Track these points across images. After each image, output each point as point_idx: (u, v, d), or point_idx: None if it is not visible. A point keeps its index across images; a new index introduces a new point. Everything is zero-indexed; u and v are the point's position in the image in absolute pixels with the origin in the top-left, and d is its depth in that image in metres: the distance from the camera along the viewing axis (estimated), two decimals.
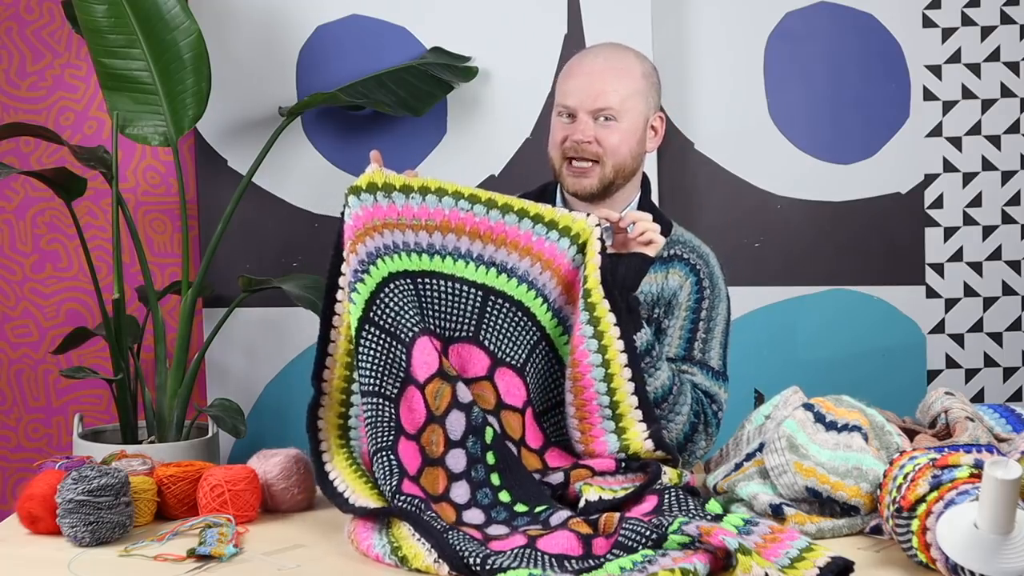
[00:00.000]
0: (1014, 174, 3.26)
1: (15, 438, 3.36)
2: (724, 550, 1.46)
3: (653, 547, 1.51)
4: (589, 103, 2.14)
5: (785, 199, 3.25)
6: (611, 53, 2.22)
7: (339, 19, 3.18)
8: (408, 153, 3.20)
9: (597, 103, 2.14)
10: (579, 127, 2.15)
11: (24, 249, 3.32)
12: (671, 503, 1.70)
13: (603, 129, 2.14)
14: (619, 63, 2.19)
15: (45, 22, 3.27)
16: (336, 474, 1.76)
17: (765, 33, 3.23)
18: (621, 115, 2.15)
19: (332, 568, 1.59)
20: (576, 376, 1.86)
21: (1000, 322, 3.28)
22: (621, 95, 2.15)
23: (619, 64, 2.19)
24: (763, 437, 1.80)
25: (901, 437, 1.75)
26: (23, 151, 3.28)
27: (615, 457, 1.84)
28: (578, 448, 1.87)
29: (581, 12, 3.16)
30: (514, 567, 1.48)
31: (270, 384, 3.23)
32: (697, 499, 1.73)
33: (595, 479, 1.79)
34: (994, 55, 3.23)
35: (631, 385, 1.87)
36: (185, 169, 3.18)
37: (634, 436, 1.85)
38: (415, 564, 1.55)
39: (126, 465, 1.87)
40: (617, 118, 2.14)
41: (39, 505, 1.72)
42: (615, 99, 2.14)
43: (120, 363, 2.88)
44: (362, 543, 1.62)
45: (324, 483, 1.76)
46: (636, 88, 2.18)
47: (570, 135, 2.16)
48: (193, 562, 1.60)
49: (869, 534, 1.65)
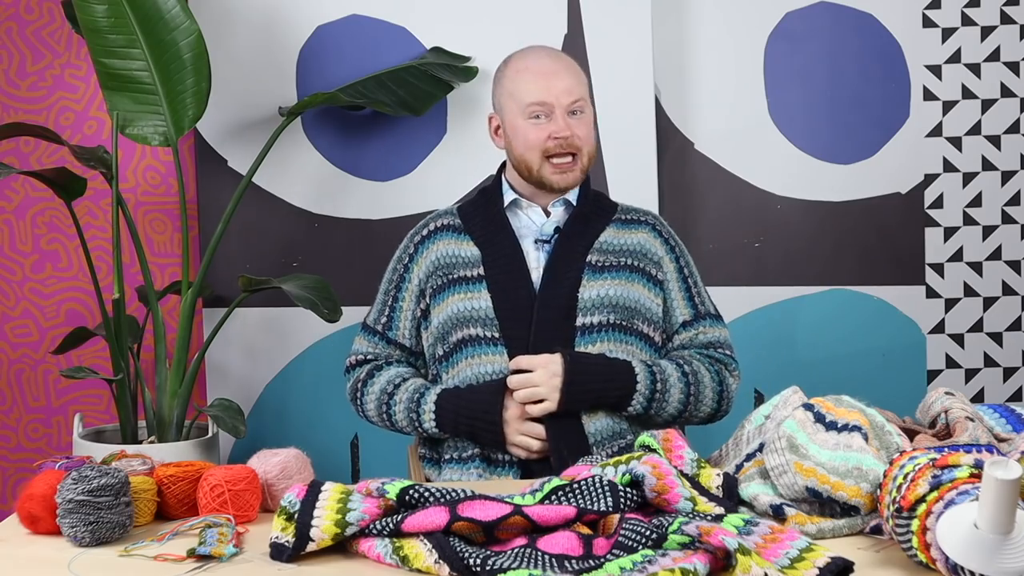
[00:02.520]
0: (1014, 174, 3.26)
1: (15, 438, 3.36)
2: (724, 550, 1.46)
3: (653, 547, 1.52)
4: (564, 99, 2.25)
5: (785, 199, 3.25)
6: (553, 52, 2.38)
7: (339, 19, 3.18)
8: (408, 153, 3.20)
9: (572, 96, 2.26)
10: (559, 123, 2.25)
11: (24, 249, 3.32)
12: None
13: (576, 121, 2.27)
14: (567, 60, 2.33)
15: (45, 22, 3.27)
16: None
17: (765, 33, 3.23)
18: (585, 107, 2.29)
19: (332, 568, 1.59)
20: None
21: (1000, 322, 3.28)
22: (585, 87, 2.30)
23: (568, 61, 2.33)
24: (763, 437, 1.80)
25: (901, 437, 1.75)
26: (23, 151, 3.28)
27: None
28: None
29: (581, 12, 3.16)
30: (514, 567, 1.48)
31: (270, 384, 3.23)
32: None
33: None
34: (994, 55, 3.23)
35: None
36: (185, 169, 3.18)
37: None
38: (416, 564, 1.55)
39: (126, 465, 1.87)
40: (584, 110, 2.28)
41: (39, 505, 1.72)
42: (583, 91, 2.29)
43: (120, 363, 2.88)
44: (362, 543, 1.62)
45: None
46: (586, 83, 2.33)
47: (552, 132, 2.25)
48: (193, 562, 1.60)
49: (869, 534, 1.65)
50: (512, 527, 1.60)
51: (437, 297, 2.29)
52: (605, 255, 2.29)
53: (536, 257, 2.28)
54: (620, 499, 1.65)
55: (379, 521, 1.62)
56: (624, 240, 2.32)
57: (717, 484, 1.75)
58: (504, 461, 2.21)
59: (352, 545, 1.63)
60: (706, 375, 2.25)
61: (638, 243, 2.32)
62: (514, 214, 2.33)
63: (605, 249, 2.29)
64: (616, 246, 2.30)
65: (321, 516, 1.62)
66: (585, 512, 1.62)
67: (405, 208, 3.16)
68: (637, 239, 2.33)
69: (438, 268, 2.31)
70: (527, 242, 2.29)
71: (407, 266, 2.36)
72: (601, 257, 2.28)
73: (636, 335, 2.27)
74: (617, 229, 2.33)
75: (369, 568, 1.59)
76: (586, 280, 2.25)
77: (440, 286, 2.29)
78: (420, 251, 2.35)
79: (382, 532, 1.61)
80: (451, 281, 2.28)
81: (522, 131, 2.27)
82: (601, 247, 2.29)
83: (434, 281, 2.31)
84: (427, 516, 1.59)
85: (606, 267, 2.27)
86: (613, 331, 2.24)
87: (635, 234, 2.33)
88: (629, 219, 2.36)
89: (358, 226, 3.19)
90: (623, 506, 1.65)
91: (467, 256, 2.29)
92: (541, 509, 1.61)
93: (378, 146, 3.20)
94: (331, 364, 3.18)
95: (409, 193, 3.18)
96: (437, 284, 2.30)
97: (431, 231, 2.36)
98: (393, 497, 1.65)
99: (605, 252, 2.29)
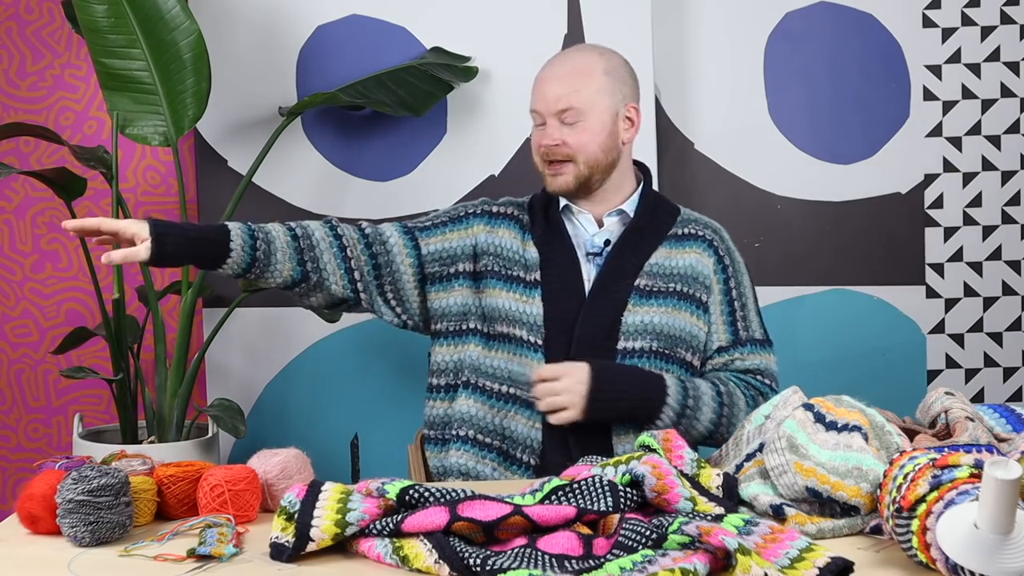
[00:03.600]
0: (1014, 174, 3.26)
1: (15, 438, 3.36)
2: (724, 550, 1.46)
3: (653, 547, 1.52)
4: (552, 107, 2.24)
5: (785, 199, 3.25)
6: (574, 55, 2.31)
7: (339, 19, 3.18)
8: (408, 153, 3.20)
9: (559, 105, 2.23)
10: (548, 131, 2.24)
11: (24, 249, 3.32)
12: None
13: (570, 129, 2.23)
14: (579, 64, 2.27)
15: (45, 22, 3.27)
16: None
17: (765, 33, 3.23)
18: (585, 114, 2.23)
19: (332, 568, 1.59)
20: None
21: (1000, 322, 3.28)
22: (583, 95, 2.23)
23: (579, 65, 2.26)
24: (763, 437, 1.80)
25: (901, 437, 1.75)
26: (23, 151, 3.28)
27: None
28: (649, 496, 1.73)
29: (581, 12, 3.16)
30: (514, 567, 1.48)
31: (270, 384, 3.23)
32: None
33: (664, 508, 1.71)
34: (994, 55, 3.23)
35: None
36: (185, 169, 3.18)
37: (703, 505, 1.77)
38: (416, 564, 1.55)
39: (126, 465, 1.87)
40: (582, 117, 2.23)
41: (39, 505, 1.72)
42: (576, 99, 2.22)
43: (120, 363, 2.88)
44: (363, 543, 1.62)
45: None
46: (598, 86, 2.24)
47: (540, 141, 2.26)
48: (193, 562, 1.60)
49: (869, 534, 1.65)
50: (512, 527, 1.60)
51: (489, 281, 2.26)
52: (654, 279, 2.24)
53: (587, 270, 2.26)
54: (620, 499, 1.65)
55: (379, 521, 1.62)
56: (676, 262, 2.27)
57: (717, 484, 1.75)
58: (523, 462, 2.20)
59: (352, 545, 1.63)
60: (740, 398, 2.22)
61: (689, 265, 2.27)
62: (569, 220, 2.30)
63: (655, 272, 2.25)
64: (667, 269, 2.26)
65: (321, 516, 1.62)
66: (585, 512, 1.62)
67: (405, 208, 3.16)
68: (689, 261, 2.27)
69: (499, 255, 2.28)
70: (580, 252, 2.27)
71: (472, 216, 2.31)
72: (650, 282, 2.24)
73: (677, 362, 2.24)
74: (671, 248, 2.28)
75: (369, 568, 1.59)
76: (632, 304, 2.22)
77: (495, 272, 2.26)
78: (487, 220, 2.31)
79: (382, 532, 1.61)
80: (508, 277, 2.26)
81: (532, 137, 2.29)
82: (651, 270, 2.25)
83: (491, 263, 2.27)
84: (427, 516, 1.59)
85: (654, 293, 2.24)
86: (654, 357, 2.22)
87: (688, 254, 2.28)
88: (686, 234, 2.30)
89: None
90: (623, 506, 1.65)
91: (528, 259, 2.27)
92: (541, 509, 1.61)
93: (378, 146, 3.20)
94: (331, 364, 3.19)
95: (409, 193, 3.18)
96: (493, 269, 2.27)
97: (500, 212, 2.32)
98: (393, 497, 1.65)
99: (655, 276, 2.25)
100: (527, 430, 2.20)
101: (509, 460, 2.21)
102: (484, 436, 2.22)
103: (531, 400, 2.18)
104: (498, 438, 2.22)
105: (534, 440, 2.19)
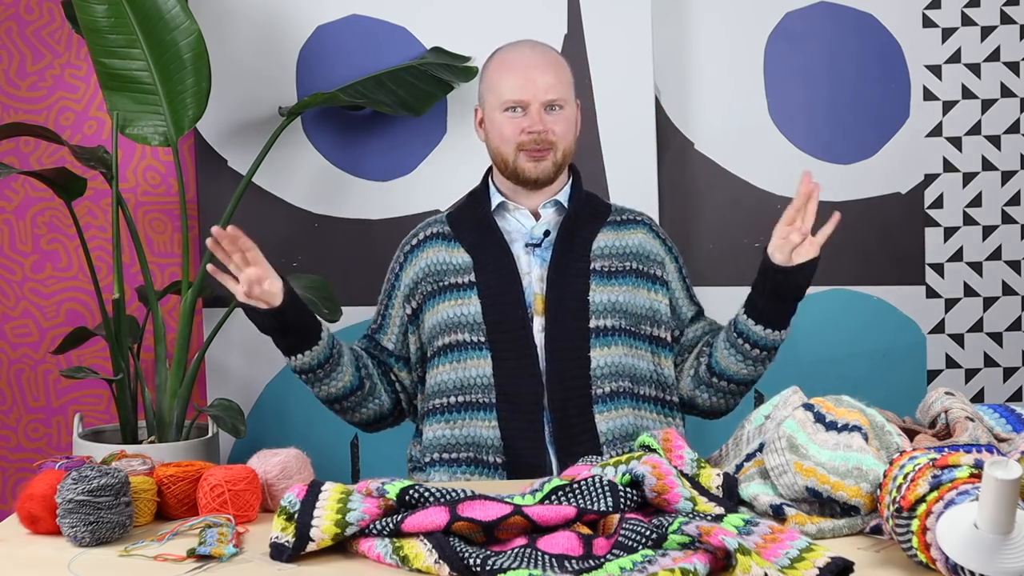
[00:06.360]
0: (1014, 174, 3.26)
1: (15, 438, 3.36)
2: (724, 550, 1.46)
3: (653, 547, 1.52)
4: (541, 95, 2.25)
5: (785, 199, 3.23)
6: (537, 47, 2.35)
7: (339, 19, 3.18)
8: (408, 153, 3.20)
9: (549, 94, 2.26)
10: (533, 118, 2.25)
11: (24, 249, 3.32)
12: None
13: (552, 118, 2.26)
14: (550, 56, 2.32)
15: (45, 22, 3.27)
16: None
17: (765, 33, 3.23)
18: (564, 104, 2.28)
19: (332, 568, 1.59)
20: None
21: (1000, 322, 3.28)
22: (563, 85, 2.28)
23: (551, 57, 2.32)
24: (763, 437, 1.80)
25: (901, 437, 1.75)
26: (23, 151, 3.28)
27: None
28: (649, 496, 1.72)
29: (581, 12, 3.16)
30: (514, 567, 1.48)
31: (270, 384, 3.23)
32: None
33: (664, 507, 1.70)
34: (994, 55, 3.23)
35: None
36: (185, 169, 3.18)
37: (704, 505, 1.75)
38: (416, 564, 1.55)
39: (126, 465, 1.87)
40: (563, 107, 2.27)
41: (39, 505, 1.72)
42: (561, 90, 2.27)
43: (120, 363, 2.88)
44: (363, 543, 1.62)
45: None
46: (569, 79, 2.31)
47: (525, 127, 2.25)
48: (193, 562, 1.60)
49: (869, 534, 1.65)
50: (512, 527, 1.60)
51: (428, 303, 2.30)
52: (609, 260, 2.29)
53: (527, 261, 2.27)
54: (620, 499, 1.65)
55: (379, 521, 1.62)
56: (624, 242, 2.32)
57: (717, 484, 1.75)
58: (492, 463, 2.21)
59: (352, 545, 1.63)
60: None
61: (638, 244, 2.33)
62: (502, 218, 2.32)
63: (608, 253, 2.29)
64: (618, 249, 2.30)
65: (321, 516, 1.62)
66: (585, 512, 1.62)
67: (405, 208, 3.16)
68: (636, 240, 2.33)
69: (428, 275, 2.30)
70: (517, 246, 2.29)
71: (397, 274, 2.37)
72: (606, 263, 2.28)
73: (645, 339, 2.28)
74: (615, 231, 2.33)
75: (369, 568, 1.59)
76: (595, 285, 2.26)
77: (431, 292, 2.29)
78: (409, 259, 2.35)
79: (382, 532, 1.61)
80: (442, 288, 2.28)
81: (498, 124, 2.28)
82: (603, 252, 2.29)
83: (424, 287, 2.30)
84: (427, 516, 1.59)
85: (612, 272, 2.28)
86: (625, 336, 2.25)
87: (633, 235, 2.34)
88: (625, 219, 2.36)
89: (358, 226, 3.19)
90: (623, 506, 1.65)
91: (458, 263, 2.29)
92: (541, 509, 1.61)
93: (378, 146, 3.20)
94: None
95: (409, 193, 3.18)
96: (428, 291, 2.30)
97: (421, 240, 2.36)
98: (393, 497, 1.65)
99: (608, 256, 2.29)
100: (486, 431, 2.21)
101: (480, 465, 2.22)
102: (451, 453, 2.24)
103: (482, 402, 2.21)
104: (464, 449, 2.23)
105: (494, 439, 2.21)
